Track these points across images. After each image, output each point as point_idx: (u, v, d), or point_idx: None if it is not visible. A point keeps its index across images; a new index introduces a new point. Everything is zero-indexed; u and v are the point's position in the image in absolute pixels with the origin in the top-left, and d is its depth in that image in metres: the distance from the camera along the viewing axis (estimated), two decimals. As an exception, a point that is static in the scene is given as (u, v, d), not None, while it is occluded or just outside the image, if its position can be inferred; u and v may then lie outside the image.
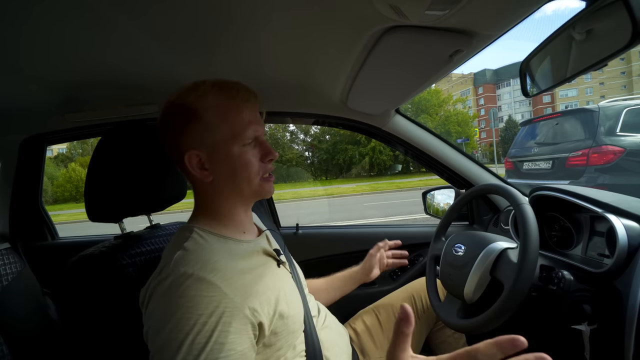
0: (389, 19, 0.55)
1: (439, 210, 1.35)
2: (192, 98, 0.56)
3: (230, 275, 0.51)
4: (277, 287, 0.59)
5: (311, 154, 25.10)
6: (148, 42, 0.68)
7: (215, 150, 0.56)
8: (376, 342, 0.87)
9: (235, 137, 0.56)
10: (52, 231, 1.43)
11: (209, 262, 0.51)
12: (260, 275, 0.57)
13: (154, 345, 0.46)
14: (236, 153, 0.57)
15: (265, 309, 0.53)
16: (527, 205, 0.68)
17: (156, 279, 0.51)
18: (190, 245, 0.53)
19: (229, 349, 0.46)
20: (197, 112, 0.55)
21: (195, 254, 0.52)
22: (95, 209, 0.71)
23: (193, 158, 0.56)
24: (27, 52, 0.68)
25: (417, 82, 0.85)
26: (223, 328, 0.46)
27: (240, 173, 0.58)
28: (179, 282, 0.47)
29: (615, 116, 3.19)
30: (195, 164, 0.56)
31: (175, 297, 0.46)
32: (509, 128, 33.35)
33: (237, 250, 0.58)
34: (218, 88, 0.57)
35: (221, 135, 0.56)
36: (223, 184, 0.59)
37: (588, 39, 0.52)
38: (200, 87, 0.57)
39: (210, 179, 0.57)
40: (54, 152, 26.97)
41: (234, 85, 0.58)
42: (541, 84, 0.64)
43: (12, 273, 0.84)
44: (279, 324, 0.56)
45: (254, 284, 0.54)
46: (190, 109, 0.56)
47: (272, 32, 0.66)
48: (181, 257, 0.51)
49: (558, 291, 0.69)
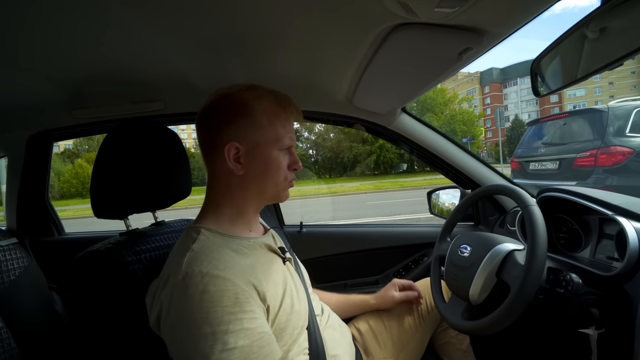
0: (397, 15, 0.54)
1: (443, 210, 1.33)
2: (249, 96, 0.61)
3: (241, 270, 0.54)
4: (284, 282, 0.61)
5: (315, 152, 25.09)
6: (154, 39, 0.68)
7: (255, 147, 0.61)
8: (380, 342, 0.86)
9: (276, 141, 0.62)
10: (59, 227, 1.45)
11: (220, 261, 0.53)
12: (268, 268, 0.59)
13: (187, 348, 0.48)
14: (273, 155, 0.62)
15: (274, 300, 0.56)
16: (535, 206, 0.67)
17: (167, 285, 0.52)
18: (198, 246, 0.55)
19: (258, 332, 0.50)
20: (250, 109, 0.61)
21: (204, 254, 0.54)
22: (100, 205, 0.71)
23: (232, 149, 0.60)
24: (34, 48, 0.69)
25: (424, 81, 0.84)
26: (249, 316, 0.50)
27: (271, 174, 0.62)
28: (197, 280, 0.49)
29: (624, 116, 3.14)
30: (232, 155, 0.60)
31: (197, 295, 0.48)
32: (515, 128, 33.04)
33: (243, 246, 0.60)
34: (275, 96, 0.63)
35: (265, 136, 0.61)
36: (250, 180, 0.62)
37: (602, 37, 0.50)
38: (258, 90, 0.63)
39: (241, 172, 0.61)
40: (60, 148, 27.29)
41: (287, 97, 0.65)
42: (552, 84, 0.63)
43: (19, 268, 0.85)
44: (284, 319, 0.57)
45: (262, 276, 0.56)
46: (246, 105, 0.61)
47: (279, 29, 0.65)
48: (192, 258, 0.53)
49: (565, 294, 0.68)
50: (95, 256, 0.65)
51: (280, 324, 0.57)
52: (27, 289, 0.86)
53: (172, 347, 0.51)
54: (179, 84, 0.96)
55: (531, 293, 0.62)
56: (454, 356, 0.95)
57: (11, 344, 0.78)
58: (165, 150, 0.78)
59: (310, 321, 0.67)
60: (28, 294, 0.86)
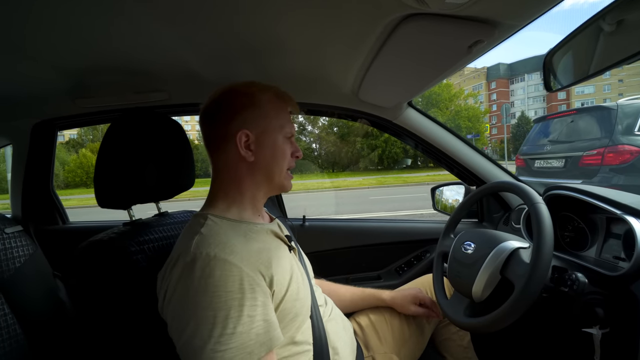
0: (407, 5, 0.53)
1: (447, 206, 1.32)
2: (254, 89, 0.66)
3: (249, 256, 0.55)
4: (290, 269, 0.62)
5: (319, 145, 25.02)
6: (160, 29, 0.67)
7: (263, 135, 0.65)
8: (381, 337, 0.86)
9: (281, 129, 0.67)
10: (63, 215, 1.46)
11: (227, 244, 0.54)
12: (275, 254, 0.61)
13: (186, 329, 0.49)
14: (280, 141, 0.67)
15: (280, 284, 0.58)
16: (542, 204, 0.66)
17: (175, 266, 0.53)
18: (206, 230, 0.57)
19: (258, 319, 0.51)
20: (258, 100, 0.65)
21: (212, 237, 0.55)
22: (104, 195, 0.71)
23: (243, 136, 0.63)
24: (38, 37, 0.68)
25: (432, 75, 0.82)
26: (251, 302, 0.51)
27: (277, 160, 0.67)
28: (204, 263, 0.51)
29: (634, 114, 3.08)
30: (243, 142, 0.63)
31: (203, 278, 0.50)
32: (521, 125, 32.65)
33: (251, 231, 0.62)
34: (275, 91, 0.68)
35: (272, 124, 0.66)
36: (259, 167, 0.65)
37: (618, 30, 0.49)
38: (260, 84, 0.68)
39: (252, 159, 0.64)
40: (65, 138, 27.45)
41: (287, 94, 0.70)
42: (564, 79, 0.61)
43: (24, 255, 0.86)
44: (289, 305, 0.59)
45: (270, 261, 0.57)
46: (253, 95, 0.65)
47: (285, 19, 0.64)
48: (200, 241, 0.54)
49: (570, 293, 0.67)
50: (98, 245, 0.65)
51: (286, 310, 0.58)
52: (32, 276, 0.87)
53: (172, 326, 0.52)
54: (183, 75, 0.95)
55: (536, 292, 0.61)
56: (455, 352, 0.95)
57: (17, 330, 0.79)
58: (169, 141, 0.77)
59: (313, 311, 0.68)
60: (33, 281, 0.87)
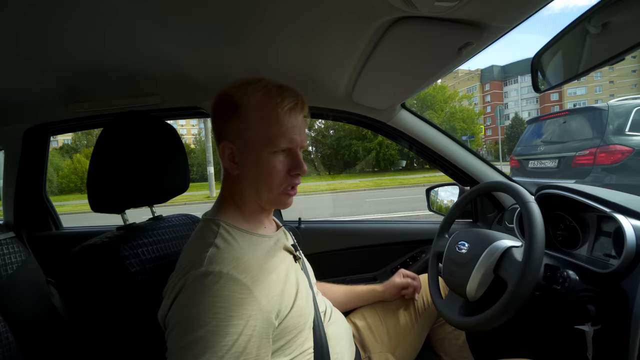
0: (397, 9, 0.54)
1: (442, 207, 1.33)
2: (239, 94, 0.57)
3: (259, 276, 0.52)
4: (297, 283, 0.61)
5: (315, 148, 25.04)
6: (152, 32, 0.67)
7: (246, 148, 0.58)
8: (376, 337, 0.86)
9: (267, 143, 0.56)
10: (56, 221, 1.44)
11: (241, 262, 0.52)
12: (283, 273, 0.59)
13: (179, 342, 0.46)
14: (264, 158, 0.57)
15: (286, 303, 0.56)
16: (533, 203, 0.67)
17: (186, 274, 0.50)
18: (221, 242, 0.54)
19: (248, 352, 0.47)
20: (240, 108, 0.57)
21: (227, 252, 0.53)
22: (97, 200, 0.71)
23: (227, 149, 0.58)
24: (30, 41, 0.68)
25: (424, 76, 0.83)
26: (249, 332, 0.48)
27: (264, 178, 0.58)
28: (214, 280, 0.48)
29: (624, 115, 3.13)
30: (227, 155, 0.59)
31: (209, 297, 0.47)
32: (515, 126, 32.99)
33: (262, 246, 0.60)
34: (266, 91, 0.57)
35: (255, 136, 0.57)
36: (246, 182, 0.60)
37: (604, 32, 0.50)
38: (251, 86, 0.58)
39: (236, 172, 0.59)
40: (59, 143, 27.19)
41: (281, 92, 0.58)
42: (553, 80, 0.62)
43: (16, 262, 0.85)
44: (293, 321, 0.57)
45: (279, 284, 0.56)
46: (235, 104, 0.57)
47: (277, 24, 0.64)
48: (215, 255, 0.51)
49: (562, 291, 0.68)
50: (91, 250, 0.65)
51: (290, 327, 0.56)
52: (25, 283, 0.86)
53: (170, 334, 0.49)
54: (177, 78, 0.95)
55: (528, 290, 0.62)
56: (450, 351, 0.95)
57: (9, 338, 0.78)
58: (163, 145, 0.77)
59: (315, 320, 0.66)
60: (26, 288, 0.86)
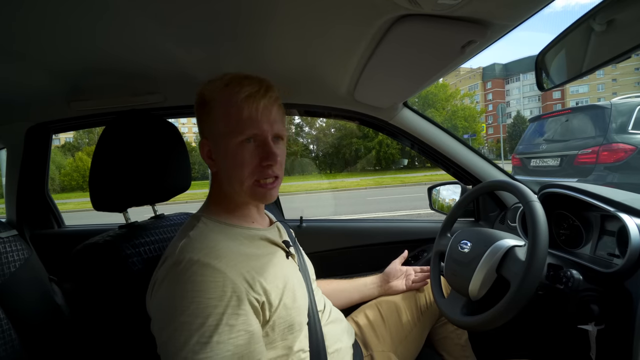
0: (400, 7, 0.53)
1: (444, 206, 1.33)
2: (207, 90, 0.58)
3: (236, 262, 0.53)
4: (285, 277, 0.60)
5: (316, 147, 25.02)
6: (153, 32, 0.67)
7: (216, 143, 0.58)
8: (379, 335, 0.86)
9: (232, 133, 0.55)
10: (58, 219, 1.45)
11: (214, 249, 0.52)
12: (268, 262, 0.58)
13: (164, 332, 0.48)
14: (231, 149, 0.56)
15: (272, 294, 0.55)
16: (537, 202, 0.67)
17: (162, 266, 0.53)
18: (195, 233, 0.55)
19: (238, 329, 0.48)
20: (207, 103, 0.58)
21: (199, 241, 0.53)
22: (99, 198, 0.71)
23: (205, 146, 0.60)
24: (32, 39, 0.68)
25: (426, 75, 0.83)
26: (232, 311, 0.48)
27: (234, 171, 0.57)
28: (185, 268, 0.49)
29: (627, 113, 3.11)
30: (206, 152, 0.60)
31: (182, 284, 0.48)
32: (517, 124, 32.92)
33: (243, 236, 0.60)
34: (227, 82, 0.57)
35: (219, 129, 0.57)
36: (222, 177, 0.60)
37: (609, 30, 0.50)
38: (217, 80, 0.58)
39: (215, 169, 0.61)
40: (61, 141, 27.29)
41: (241, 80, 0.57)
42: (557, 78, 0.62)
43: (19, 260, 0.85)
44: (283, 313, 0.57)
45: (260, 269, 0.55)
46: (204, 99, 0.58)
47: (279, 21, 0.64)
48: (186, 245, 0.53)
49: (565, 290, 0.67)
50: (93, 248, 0.65)
51: (280, 319, 0.56)
52: (28, 281, 0.86)
53: (153, 326, 0.51)
54: (178, 77, 0.95)
55: (531, 289, 0.62)
56: (452, 351, 0.95)
57: (12, 335, 0.78)
58: (164, 143, 0.77)
59: (311, 318, 0.66)
60: (28, 285, 0.86)
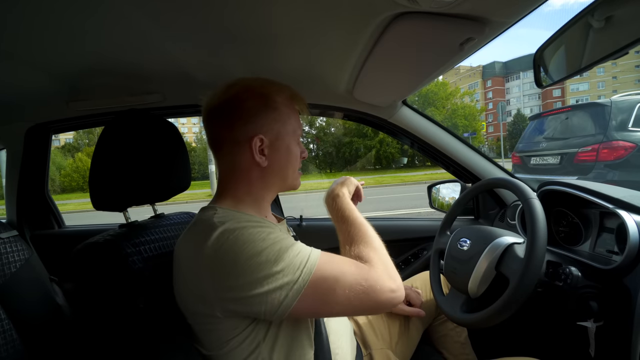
0: (398, 4, 0.53)
1: (444, 204, 1.33)
2: (272, 90, 0.63)
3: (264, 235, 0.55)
4: None
5: (316, 146, 25.01)
6: (152, 31, 0.67)
7: (278, 139, 0.63)
8: (378, 334, 0.86)
9: (294, 132, 0.66)
10: (59, 219, 1.45)
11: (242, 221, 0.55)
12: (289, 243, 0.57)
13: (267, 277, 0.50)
14: (293, 146, 0.66)
15: None
16: (535, 200, 0.67)
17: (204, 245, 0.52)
18: (220, 213, 0.58)
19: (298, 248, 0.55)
20: (275, 102, 0.63)
21: (228, 217, 0.56)
22: (99, 198, 0.71)
23: (258, 142, 0.61)
24: (31, 40, 0.68)
25: (425, 73, 0.83)
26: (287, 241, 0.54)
27: (291, 163, 0.66)
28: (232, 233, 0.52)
29: (627, 110, 3.11)
30: (258, 148, 0.61)
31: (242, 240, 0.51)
32: (517, 122, 32.86)
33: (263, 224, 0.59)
34: (290, 90, 0.66)
35: (286, 128, 0.64)
36: (272, 171, 0.64)
37: (607, 26, 0.49)
38: (276, 84, 0.65)
39: (265, 164, 0.63)
40: (61, 142, 27.30)
41: (299, 94, 0.67)
42: (555, 74, 0.62)
43: (20, 260, 0.85)
44: None
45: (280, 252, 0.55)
46: (270, 98, 0.62)
47: (276, 19, 0.64)
48: (220, 218, 0.55)
49: (564, 287, 0.68)
50: (94, 248, 0.65)
51: None
52: (28, 281, 0.86)
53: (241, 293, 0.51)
54: (177, 76, 0.95)
55: (530, 286, 0.62)
56: (452, 348, 0.95)
57: (13, 336, 0.78)
58: (164, 143, 0.77)
59: None
60: (29, 286, 0.87)
